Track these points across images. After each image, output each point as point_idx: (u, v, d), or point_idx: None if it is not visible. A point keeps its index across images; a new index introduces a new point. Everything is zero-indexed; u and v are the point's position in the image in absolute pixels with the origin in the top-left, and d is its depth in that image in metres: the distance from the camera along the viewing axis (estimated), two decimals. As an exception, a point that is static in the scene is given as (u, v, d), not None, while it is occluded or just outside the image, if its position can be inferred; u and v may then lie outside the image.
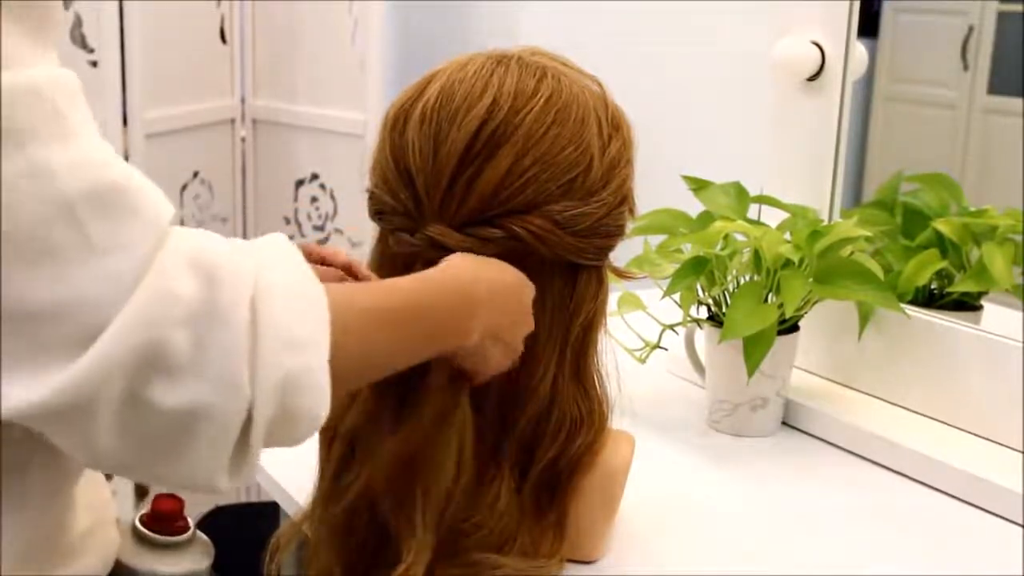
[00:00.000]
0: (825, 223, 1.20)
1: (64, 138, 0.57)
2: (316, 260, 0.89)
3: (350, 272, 0.89)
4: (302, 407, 0.60)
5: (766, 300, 1.11)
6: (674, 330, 1.18)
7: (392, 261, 0.85)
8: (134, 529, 0.83)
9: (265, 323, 0.58)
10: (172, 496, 0.86)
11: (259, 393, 0.58)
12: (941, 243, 1.24)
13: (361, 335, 0.66)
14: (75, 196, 0.56)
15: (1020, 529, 1.01)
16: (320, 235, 2.45)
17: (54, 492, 0.70)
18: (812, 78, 1.24)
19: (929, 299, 1.25)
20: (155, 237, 0.57)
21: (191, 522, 0.86)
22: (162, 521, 0.84)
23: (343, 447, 0.85)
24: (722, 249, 1.13)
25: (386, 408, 0.83)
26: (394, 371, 0.72)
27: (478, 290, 0.75)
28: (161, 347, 0.55)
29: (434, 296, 0.73)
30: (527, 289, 0.81)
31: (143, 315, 0.55)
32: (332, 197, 2.42)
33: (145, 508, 0.85)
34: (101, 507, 0.78)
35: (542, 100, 0.81)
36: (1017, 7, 1.40)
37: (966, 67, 1.42)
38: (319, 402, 0.61)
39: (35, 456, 0.66)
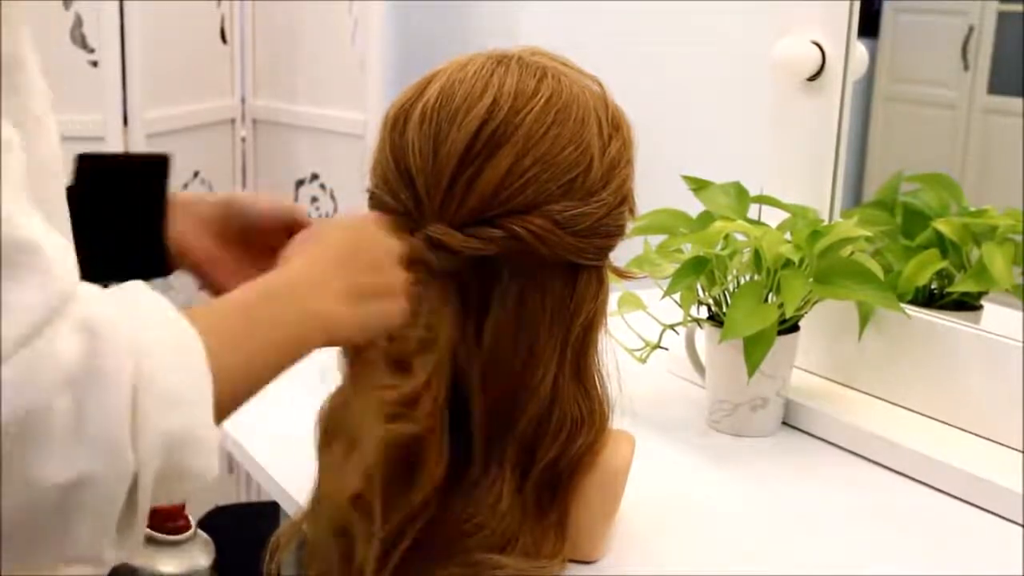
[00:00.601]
0: (825, 223, 1.20)
1: None
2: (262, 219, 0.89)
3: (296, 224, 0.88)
4: (190, 466, 0.58)
5: (766, 300, 1.11)
6: (674, 330, 1.18)
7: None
8: None
9: (145, 382, 0.55)
10: None
11: (143, 455, 0.55)
12: (941, 243, 1.24)
13: (229, 361, 0.62)
14: None
15: (1020, 529, 1.01)
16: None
17: None
18: (812, 78, 1.24)
19: (929, 299, 1.25)
20: (51, 303, 0.53)
21: (192, 521, 0.86)
22: (163, 520, 0.84)
23: (342, 447, 0.85)
24: (722, 249, 1.13)
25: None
26: (267, 385, 0.68)
27: (297, 277, 0.71)
28: (39, 414, 0.52)
29: (267, 308, 0.68)
30: (361, 234, 0.77)
31: (19, 380, 0.51)
32: (332, 197, 2.42)
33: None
34: None
35: (542, 100, 0.81)
36: (1017, 7, 1.40)
37: (966, 67, 1.42)
38: (208, 460, 0.59)
39: None
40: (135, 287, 0.61)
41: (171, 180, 0.93)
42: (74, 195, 0.81)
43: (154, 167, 0.91)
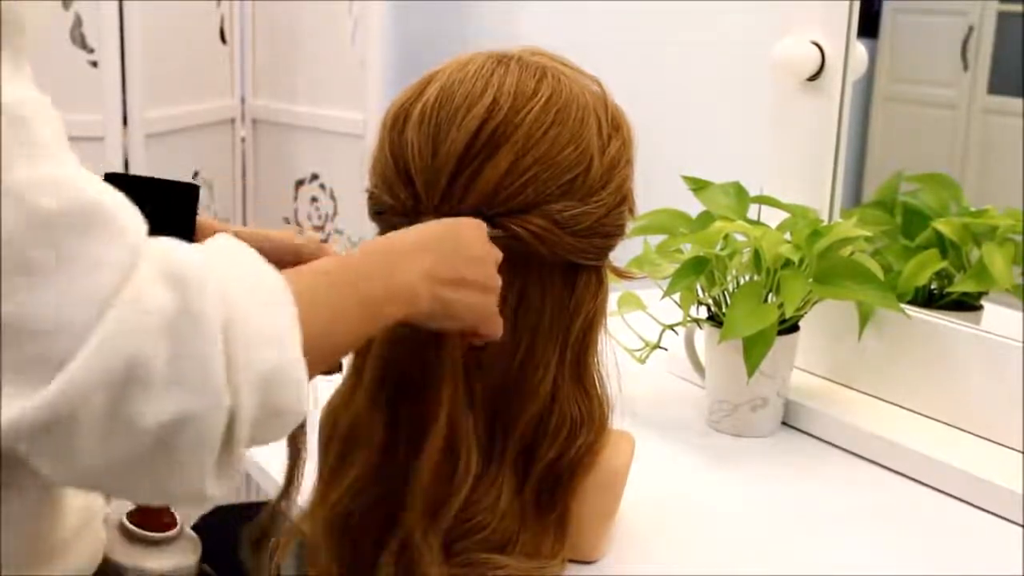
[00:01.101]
0: (825, 223, 1.20)
1: (33, 158, 0.56)
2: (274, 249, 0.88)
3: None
4: (284, 402, 0.61)
5: (766, 300, 1.11)
6: (674, 330, 1.18)
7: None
8: (122, 526, 0.83)
9: (237, 324, 0.58)
10: None
11: (239, 394, 0.58)
12: (941, 243, 1.24)
13: (317, 315, 0.65)
14: (48, 215, 0.55)
15: (1020, 529, 1.01)
16: (320, 235, 2.45)
17: (45, 496, 0.70)
18: (812, 78, 1.24)
19: (929, 299, 1.25)
20: (129, 254, 0.57)
21: (179, 518, 0.86)
22: (150, 517, 0.84)
23: (340, 446, 0.86)
24: (722, 249, 1.13)
25: (381, 405, 0.83)
26: (349, 349, 0.71)
27: (397, 245, 0.74)
28: (139, 362, 0.55)
29: (357, 264, 0.72)
30: (462, 224, 0.78)
31: (118, 330, 0.55)
32: (332, 197, 2.42)
33: (133, 505, 0.85)
34: (90, 504, 0.78)
35: (542, 100, 0.81)
36: (1017, 7, 1.40)
37: (966, 67, 1.42)
38: (299, 395, 0.61)
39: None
40: (223, 239, 0.64)
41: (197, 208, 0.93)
42: None
43: (182, 194, 0.91)
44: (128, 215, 0.59)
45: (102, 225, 0.57)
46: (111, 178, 0.90)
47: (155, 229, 0.88)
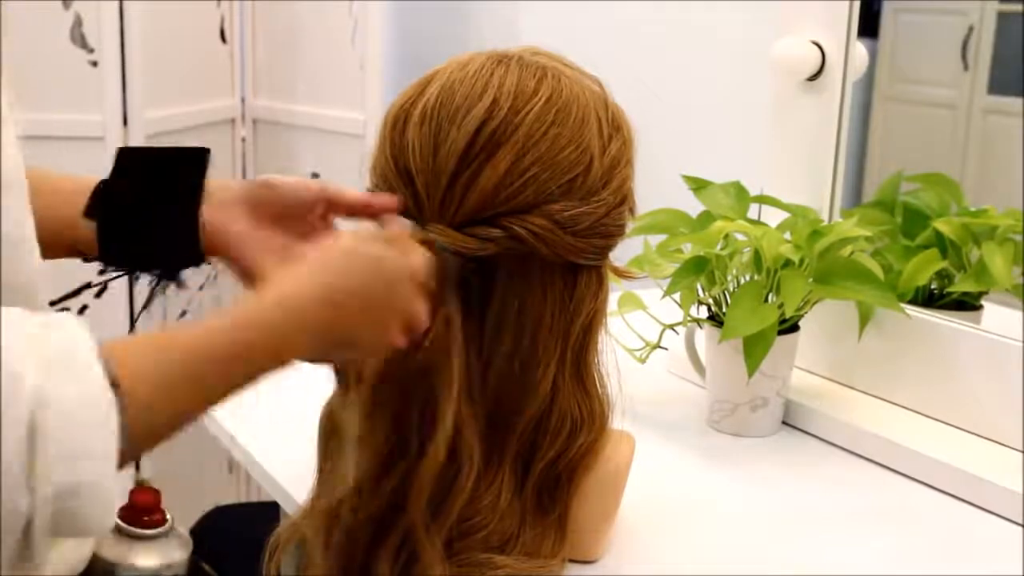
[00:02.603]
0: (825, 223, 1.20)
1: None
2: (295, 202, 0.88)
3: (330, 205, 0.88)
4: (84, 516, 0.59)
5: (766, 300, 1.11)
6: (674, 330, 1.18)
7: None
8: None
9: (44, 434, 0.56)
10: (149, 489, 0.86)
11: (37, 502, 0.56)
12: (941, 243, 1.24)
13: (162, 406, 0.63)
14: None
15: (1020, 529, 1.01)
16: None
17: None
18: (812, 78, 1.24)
19: (929, 299, 1.25)
20: None
21: (168, 515, 0.87)
22: (139, 514, 0.84)
23: (339, 445, 0.86)
24: (722, 249, 1.13)
25: (381, 405, 0.83)
26: (209, 410, 0.69)
27: (271, 317, 0.69)
28: None
29: (223, 346, 0.67)
30: (395, 285, 0.75)
31: None
32: (332, 197, 2.42)
33: (122, 502, 0.85)
34: None
35: (542, 100, 0.81)
36: (1017, 7, 1.40)
37: (966, 67, 1.42)
38: (101, 513, 0.59)
39: None
40: (65, 325, 0.61)
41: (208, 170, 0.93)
42: (111, 188, 0.83)
43: (192, 158, 0.91)
44: None
45: None
46: (122, 152, 0.90)
47: (164, 194, 0.89)
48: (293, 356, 0.71)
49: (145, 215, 0.88)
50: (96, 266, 0.90)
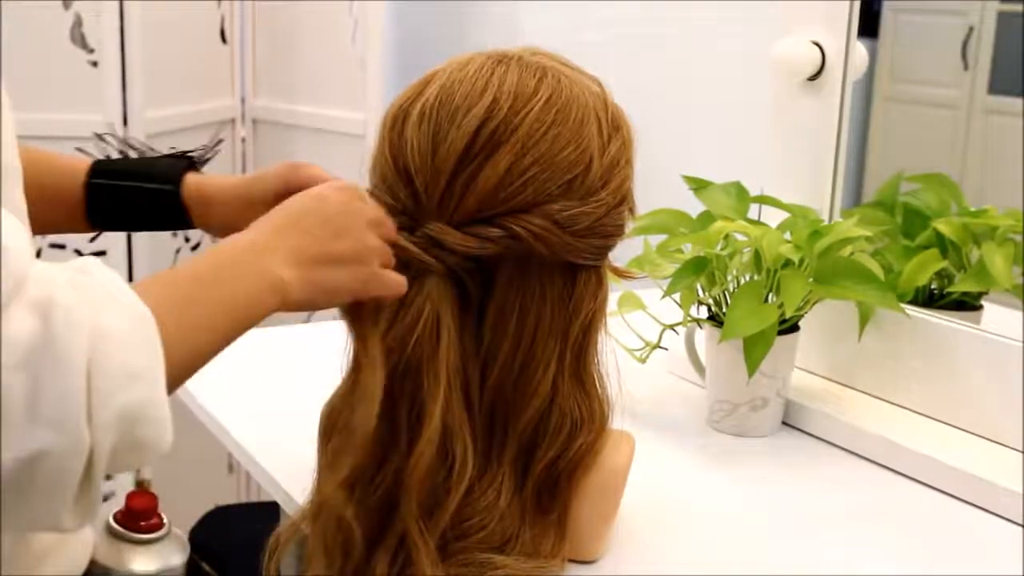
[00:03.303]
0: (825, 223, 1.20)
1: None
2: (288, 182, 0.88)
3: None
4: (144, 438, 0.60)
5: (766, 300, 1.11)
6: (674, 330, 1.18)
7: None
8: (108, 527, 0.83)
9: (100, 360, 0.57)
10: (146, 493, 0.85)
11: (99, 433, 0.57)
12: (941, 243, 1.24)
13: (181, 332, 0.64)
14: None
15: (1020, 529, 1.01)
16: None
17: None
18: (812, 78, 1.24)
19: (929, 299, 1.25)
20: (9, 285, 0.56)
21: (166, 519, 0.86)
22: (136, 518, 0.84)
23: (339, 445, 0.85)
24: (722, 249, 1.13)
25: (379, 403, 0.83)
26: (222, 349, 0.70)
27: (256, 239, 0.72)
28: None
29: (220, 267, 0.70)
30: (329, 197, 0.76)
31: None
32: (332, 197, 2.42)
33: (119, 506, 0.85)
34: None
35: (542, 100, 0.81)
36: (1017, 7, 1.40)
37: (966, 67, 1.42)
38: (161, 432, 0.61)
39: None
40: (92, 266, 0.62)
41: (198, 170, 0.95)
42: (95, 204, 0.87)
43: (166, 175, 0.92)
44: (13, 246, 0.57)
45: None
46: (96, 172, 0.92)
47: (145, 208, 0.91)
48: (276, 269, 0.71)
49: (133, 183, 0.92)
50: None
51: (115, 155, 0.98)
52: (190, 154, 0.95)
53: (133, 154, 0.97)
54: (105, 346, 0.58)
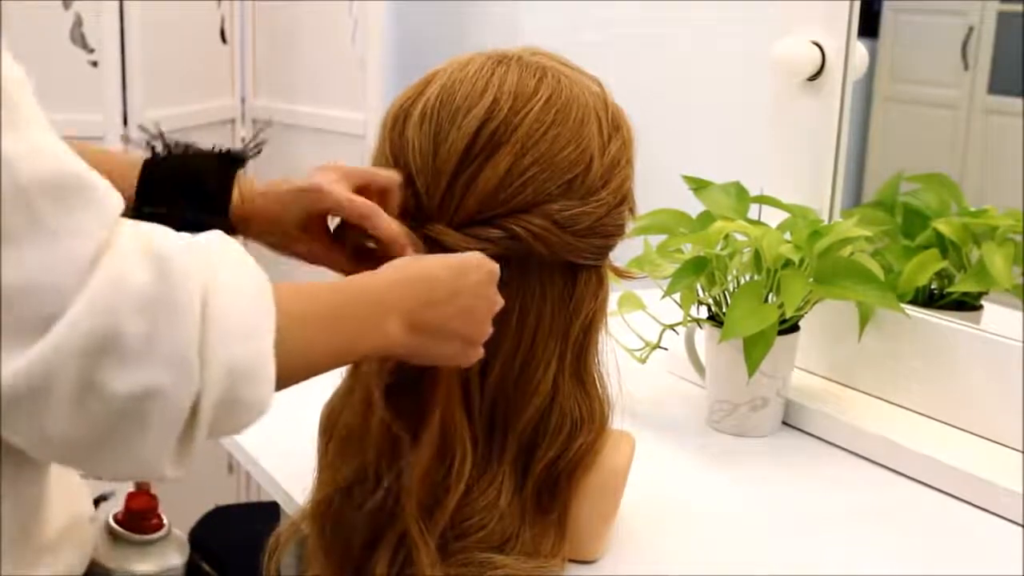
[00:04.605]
0: (825, 223, 1.20)
1: (16, 128, 0.57)
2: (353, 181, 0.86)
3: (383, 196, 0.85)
4: (249, 395, 0.61)
5: (766, 300, 1.11)
6: (674, 330, 1.18)
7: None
8: (108, 527, 0.83)
9: (214, 312, 0.60)
10: (146, 493, 0.85)
11: (208, 378, 0.59)
12: (941, 243, 1.24)
13: (290, 337, 0.65)
14: (29, 183, 0.56)
15: (1020, 529, 1.01)
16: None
17: (25, 485, 0.70)
18: (812, 78, 1.24)
19: (929, 299, 1.25)
20: (109, 226, 0.59)
21: (165, 520, 0.86)
22: (136, 519, 0.84)
23: (339, 444, 0.86)
24: (722, 249, 1.13)
25: (379, 404, 0.83)
26: (316, 375, 0.71)
27: (387, 294, 0.73)
28: (115, 333, 0.56)
29: (345, 302, 0.72)
30: (468, 275, 0.77)
31: (99, 301, 0.56)
32: (332, 197, 2.42)
33: (119, 507, 0.85)
34: (77, 505, 0.78)
35: (542, 100, 0.81)
36: (1017, 7, 1.40)
37: (966, 67, 1.42)
38: (265, 391, 0.62)
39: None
40: (217, 233, 0.65)
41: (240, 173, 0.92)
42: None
43: (221, 163, 0.91)
44: (106, 189, 0.60)
45: (81, 195, 0.58)
46: (148, 165, 0.90)
47: (191, 196, 0.89)
48: (392, 330, 0.72)
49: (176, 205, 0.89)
50: None
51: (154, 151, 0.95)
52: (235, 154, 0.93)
53: (176, 150, 0.94)
54: (220, 300, 0.60)
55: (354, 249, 0.86)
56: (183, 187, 0.88)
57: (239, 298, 0.61)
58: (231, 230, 0.87)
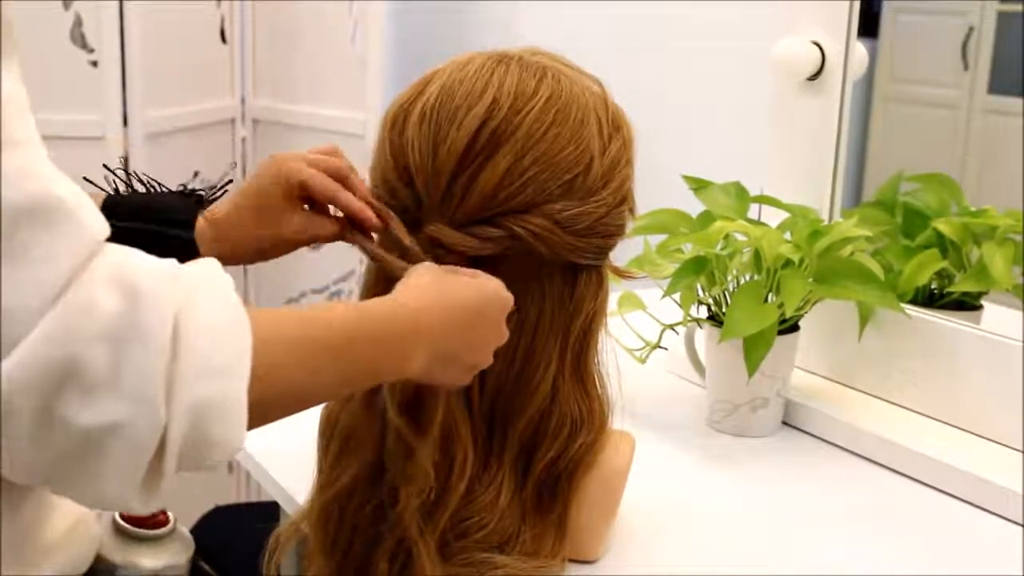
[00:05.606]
0: (825, 223, 1.20)
1: (6, 147, 0.56)
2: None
3: (342, 179, 0.86)
4: (216, 435, 0.59)
5: (766, 300, 1.11)
6: (674, 330, 1.18)
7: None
8: (114, 523, 0.83)
9: (184, 347, 0.58)
10: None
11: (173, 415, 0.57)
12: (941, 243, 1.24)
13: (285, 367, 0.64)
14: (6, 206, 0.55)
15: (1020, 529, 1.01)
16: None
17: (28, 488, 0.70)
18: (812, 78, 1.24)
19: (929, 299, 1.25)
20: (85, 252, 0.57)
21: (171, 516, 0.86)
22: (142, 515, 0.84)
23: (339, 445, 0.86)
24: (722, 249, 1.13)
25: (379, 405, 0.83)
26: (328, 400, 0.70)
27: (420, 322, 0.73)
28: (77, 362, 0.55)
29: (370, 330, 0.70)
30: (491, 307, 0.78)
31: (61, 327, 0.55)
32: (332, 197, 2.42)
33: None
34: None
35: (542, 100, 0.81)
36: (1017, 7, 1.40)
37: (966, 67, 1.42)
38: (233, 431, 0.60)
39: None
40: (208, 261, 0.64)
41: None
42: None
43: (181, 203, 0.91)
44: (88, 214, 0.58)
45: (59, 220, 0.57)
46: (109, 208, 0.90)
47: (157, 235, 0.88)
48: (416, 357, 0.72)
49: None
50: None
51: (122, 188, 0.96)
52: (199, 193, 0.94)
53: (139, 188, 0.96)
54: (193, 333, 0.58)
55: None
56: (148, 211, 0.89)
57: (214, 334, 0.59)
58: (194, 244, 0.88)
